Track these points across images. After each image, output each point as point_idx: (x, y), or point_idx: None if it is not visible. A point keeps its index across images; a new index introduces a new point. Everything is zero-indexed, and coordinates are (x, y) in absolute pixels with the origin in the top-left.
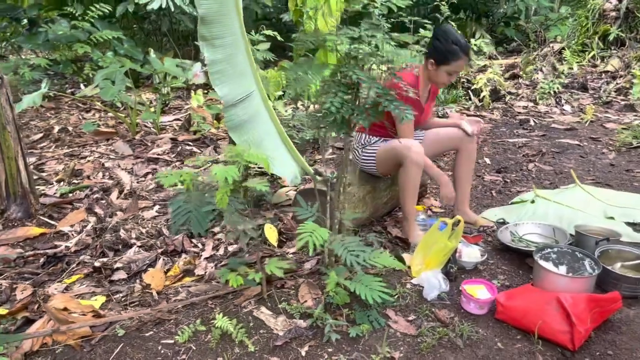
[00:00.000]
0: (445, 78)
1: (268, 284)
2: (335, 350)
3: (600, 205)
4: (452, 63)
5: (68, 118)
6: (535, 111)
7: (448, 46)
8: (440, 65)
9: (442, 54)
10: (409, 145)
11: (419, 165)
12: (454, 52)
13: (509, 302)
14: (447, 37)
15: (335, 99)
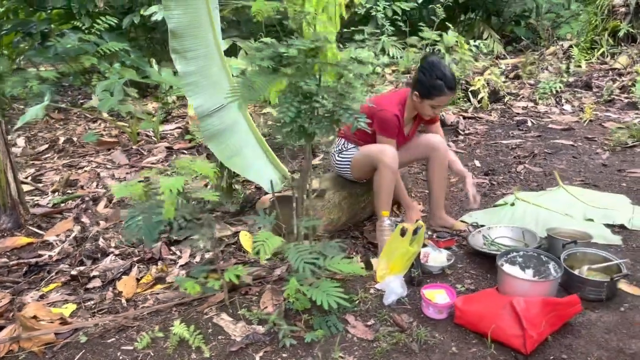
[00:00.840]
0: (430, 111)
1: (234, 290)
2: (289, 355)
3: (582, 206)
4: (436, 98)
5: (75, 129)
6: (534, 111)
7: (432, 81)
8: (424, 99)
9: (426, 89)
10: (383, 149)
11: (393, 170)
12: (438, 87)
13: (467, 307)
14: (432, 71)
15: (290, 109)
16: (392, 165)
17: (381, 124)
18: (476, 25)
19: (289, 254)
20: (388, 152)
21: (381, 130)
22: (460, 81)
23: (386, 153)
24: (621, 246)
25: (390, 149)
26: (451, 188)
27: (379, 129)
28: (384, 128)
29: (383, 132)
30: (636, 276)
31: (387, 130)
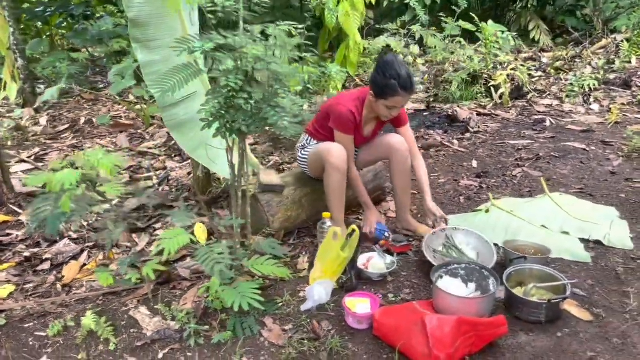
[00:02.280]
0: (385, 112)
1: (167, 283)
2: (194, 355)
3: (563, 218)
4: (390, 99)
5: (100, 110)
6: (557, 110)
7: (386, 81)
8: (379, 98)
9: (380, 88)
10: (330, 149)
11: (339, 170)
12: (391, 87)
13: (384, 319)
14: (386, 70)
15: (209, 105)
16: (338, 165)
17: (335, 119)
18: (524, 15)
19: (197, 254)
20: (335, 152)
21: (336, 125)
22: (483, 75)
23: (332, 153)
24: (590, 264)
25: (338, 148)
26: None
27: (333, 123)
28: (338, 123)
29: (338, 128)
30: (592, 299)
31: (342, 125)
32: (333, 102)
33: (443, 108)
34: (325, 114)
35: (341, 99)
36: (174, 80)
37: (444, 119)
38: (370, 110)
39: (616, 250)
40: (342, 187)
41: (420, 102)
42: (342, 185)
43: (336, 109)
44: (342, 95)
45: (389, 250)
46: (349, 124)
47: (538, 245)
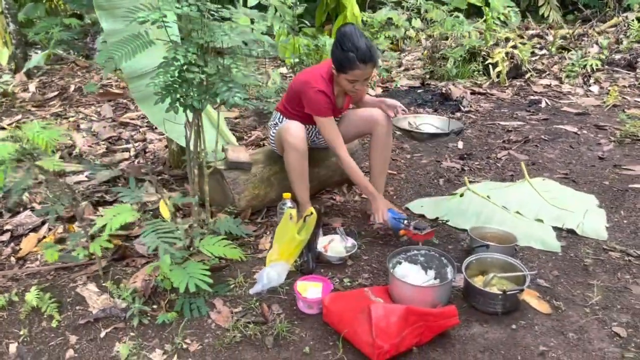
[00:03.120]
0: (348, 85)
1: (120, 260)
2: (137, 335)
3: (540, 204)
4: (350, 72)
5: (92, 77)
6: (555, 91)
7: (344, 54)
8: (339, 73)
9: (339, 62)
10: (287, 128)
11: (297, 150)
12: (350, 60)
13: (332, 305)
14: (343, 43)
15: (159, 78)
16: (296, 144)
17: (310, 104)
18: None
19: (143, 232)
20: (292, 130)
21: (312, 110)
22: (481, 52)
23: (290, 131)
24: (558, 254)
25: (295, 126)
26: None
27: (309, 109)
28: (314, 108)
29: (316, 113)
30: (555, 290)
31: (319, 110)
32: (302, 83)
33: (438, 85)
34: (295, 94)
35: (310, 79)
36: (121, 51)
37: (438, 96)
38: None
39: (589, 240)
40: (301, 167)
41: (415, 78)
42: (302, 164)
43: (308, 94)
44: (309, 73)
45: (412, 240)
46: (325, 106)
47: (505, 233)
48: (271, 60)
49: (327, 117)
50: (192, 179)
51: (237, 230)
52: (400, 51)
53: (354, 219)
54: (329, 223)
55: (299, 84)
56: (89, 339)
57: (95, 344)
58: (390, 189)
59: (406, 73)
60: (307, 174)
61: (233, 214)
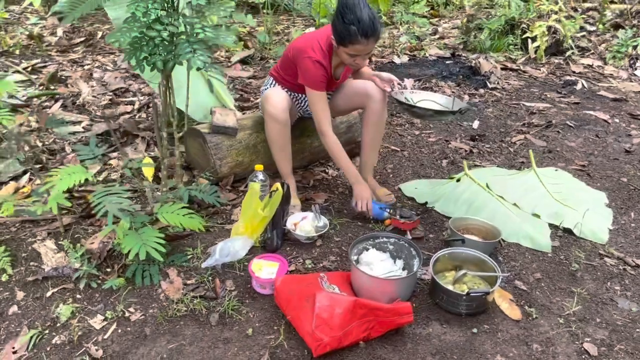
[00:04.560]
0: (349, 59)
1: (88, 218)
2: (84, 298)
3: (541, 197)
4: (350, 46)
5: None
6: (596, 73)
7: (345, 26)
8: (340, 45)
9: (339, 35)
10: (268, 96)
11: (277, 120)
12: (351, 33)
13: (282, 287)
14: (345, 14)
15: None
16: (275, 114)
17: (304, 74)
18: None
19: (94, 196)
20: (272, 99)
21: (305, 81)
22: (521, 25)
23: (270, 100)
24: (547, 255)
25: (277, 96)
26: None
27: (302, 79)
28: (307, 79)
29: (308, 84)
30: (531, 295)
31: (312, 82)
32: (298, 50)
33: (468, 58)
34: (289, 61)
35: (307, 47)
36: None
37: (466, 70)
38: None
39: (585, 242)
40: (282, 138)
41: (448, 48)
42: (283, 135)
43: (304, 63)
44: (307, 40)
45: (400, 229)
46: (320, 79)
47: (490, 226)
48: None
49: (319, 91)
50: (160, 141)
51: (210, 199)
52: (439, 17)
53: (341, 196)
54: (313, 198)
55: (295, 50)
56: (35, 297)
57: (40, 303)
58: (390, 166)
59: (440, 42)
60: (289, 146)
61: (211, 179)
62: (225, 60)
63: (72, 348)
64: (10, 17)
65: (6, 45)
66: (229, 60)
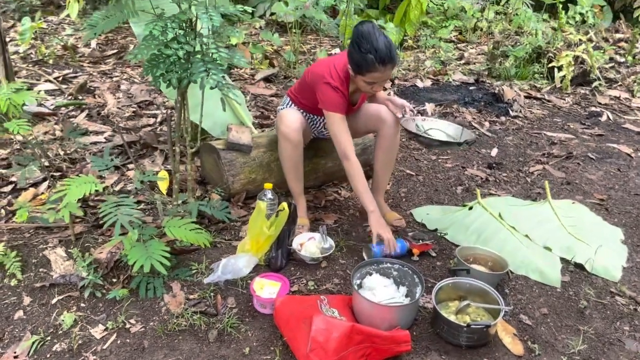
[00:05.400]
0: (366, 87)
1: (100, 227)
2: (87, 306)
3: (554, 230)
4: (367, 74)
5: None
6: (623, 105)
7: (362, 55)
8: (357, 74)
9: (356, 63)
10: (282, 115)
11: (289, 141)
12: (369, 62)
13: (282, 308)
14: (361, 43)
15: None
16: (288, 134)
17: (325, 100)
18: None
19: (103, 207)
20: (287, 120)
21: (326, 106)
22: (547, 53)
23: (284, 120)
24: (557, 290)
25: (290, 115)
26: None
27: (323, 105)
28: (329, 105)
29: (329, 109)
30: (536, 330)
31: (333, 106)
32: (317, 76)
33: (492, 84)
34: (308, 86)
35: (325, 73)
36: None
37: (489, 96)
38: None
39: (596, 279)
40: (294, 158)
41: (473, 74)
42: (294, 156)
43: (323, 89)
44: (324, 66)
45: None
46: (340, 103)
47: (497, 257)
48: (332, 39)
49: (340, 114)
50: (173, 155)
51: (220, 214)
52: (466, 42)
53: (351, 218)
54: (322, 218)
55: (312, 75)
56: (41, 303)
57: (45, 309)
58: (404, 189)
59: (465, 67)
60: (301, 165)
61: (223, 195)
62: (249, 78)
63: (71, 356)
64: (48, 28)
65: (41, 54)
66: (252, 77)
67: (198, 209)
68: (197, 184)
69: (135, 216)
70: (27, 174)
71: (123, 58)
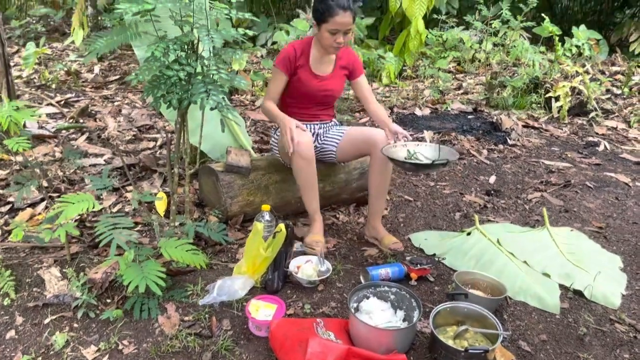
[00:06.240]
0: (329, 39)
1: (96, 248)
2: (80, 327)
3: (552, 257)
4: (330, 19)
5: None
6: (620, 135)
7: (324, 3)
8: (320, 24)
9: (319, 12)
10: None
11: (305, 158)
12: (329, 6)
13: (277, 330)
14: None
15: (140, 71)
16: (306, 153)
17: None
18: (627, 25)
19: (98, 226)
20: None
21: (275, 60)
22: (545, 84)
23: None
24: (556, 316)
25: (304, 137)
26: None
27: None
28: (276, 58)
29: (275, 62)
30: (535, 357)
31: (278, 58)
32: None
33: (491, 113)
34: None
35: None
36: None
37: (487, 125)
38: (318, 47)
39: (596, 306)
40: (308, 176)
41: (471, 103)
42: (308, 171)
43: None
44: None
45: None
46: (285, 56)
47: (496, 282)
48: None
49: (277, 68)
50: (172, 177)
51: (217, 236)
52: (465, 73)
53: (349, 242)
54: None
55: None
56: (34, 323)
57: (37, 329)
58: (402, 215)
59: (463, 97)
60: (315, 182)
61: (220, 217)
62: (249, 104)
63: None
64: (52, 54)
65: (44, 79)
66: (253, 103)
67: (195, 230)
68: (195, 206)
69: (132, 236)
70: (25, 193)
71: (125, 83)
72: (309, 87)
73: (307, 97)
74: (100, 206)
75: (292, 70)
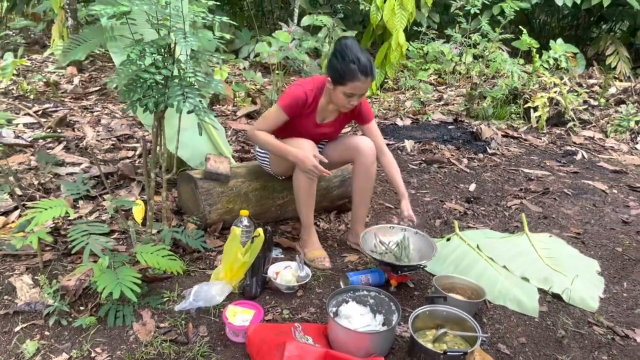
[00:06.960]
0: (343, 100)
1: (72, 255)
2: (52, 335)
3: (531, 262)
4: (349, 84)
5: None
6: (597, 145)
7: (345, 65)
8: (337, 85)
9: (338, 73)
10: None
11: (313, 178)
12: (351, 72)
13: (254, 335)
14: (344, 54)
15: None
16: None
17: (286, 95)
18: (603, 39)
19: (70, 232)
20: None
21: (282, 99)
22: (524, 95)
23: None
24: (534, 319)
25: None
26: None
27: (280, 98)
28: (284, 98)
29: (280, 102)
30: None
31: (285, 100)
32: (292, 85)
33: (471, 123)
34: None
35: (302, 82)
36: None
37: (468, 135)
38: (328, 98)
39: (574, 309)
40: (312, 187)
41: (451, 114)
42: (310, 184)
43: (292, 88)
44: (305, 79)
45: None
46: (295, 102)
47: (475, 286)
48: None
49: (281, 111)
50: (148, 183)
51: (195, 243)
52: (445, 85)
53: (329, 249)
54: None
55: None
56: (4, 331)
57: (7, 338)
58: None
59: (444, 108)
60: (314, 195)
61: (199, 225)
62: (231, 114)
63: None
64: (32, 65)
65: (22, 89)
66: (234, 113)
67: (173, 237)
68: (173, 214)
69: (108, 244)
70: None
71: (105, 94)
72: (306, 131)
73: (301, 135)
74: (76, 214)
75: (297, 115)
